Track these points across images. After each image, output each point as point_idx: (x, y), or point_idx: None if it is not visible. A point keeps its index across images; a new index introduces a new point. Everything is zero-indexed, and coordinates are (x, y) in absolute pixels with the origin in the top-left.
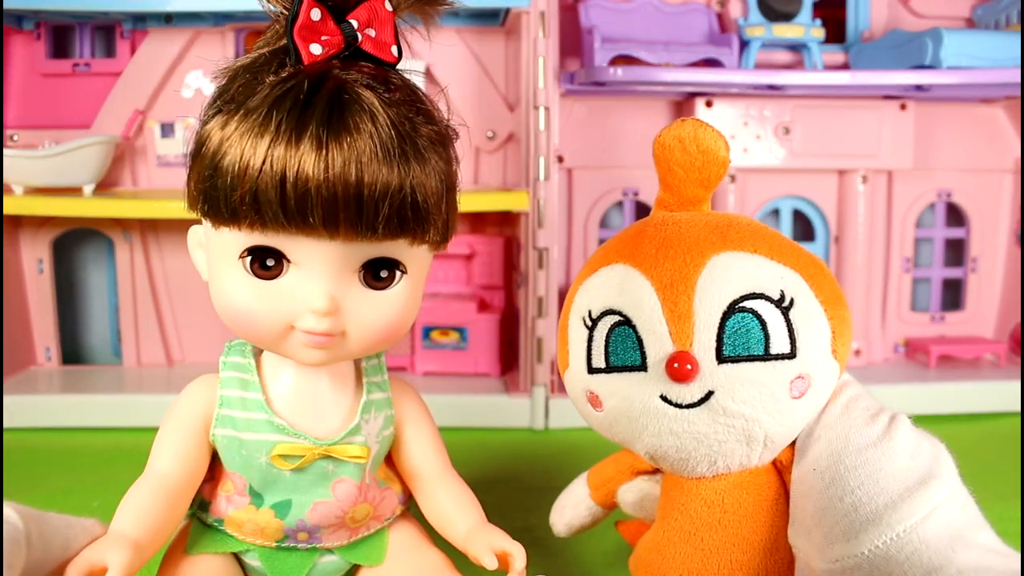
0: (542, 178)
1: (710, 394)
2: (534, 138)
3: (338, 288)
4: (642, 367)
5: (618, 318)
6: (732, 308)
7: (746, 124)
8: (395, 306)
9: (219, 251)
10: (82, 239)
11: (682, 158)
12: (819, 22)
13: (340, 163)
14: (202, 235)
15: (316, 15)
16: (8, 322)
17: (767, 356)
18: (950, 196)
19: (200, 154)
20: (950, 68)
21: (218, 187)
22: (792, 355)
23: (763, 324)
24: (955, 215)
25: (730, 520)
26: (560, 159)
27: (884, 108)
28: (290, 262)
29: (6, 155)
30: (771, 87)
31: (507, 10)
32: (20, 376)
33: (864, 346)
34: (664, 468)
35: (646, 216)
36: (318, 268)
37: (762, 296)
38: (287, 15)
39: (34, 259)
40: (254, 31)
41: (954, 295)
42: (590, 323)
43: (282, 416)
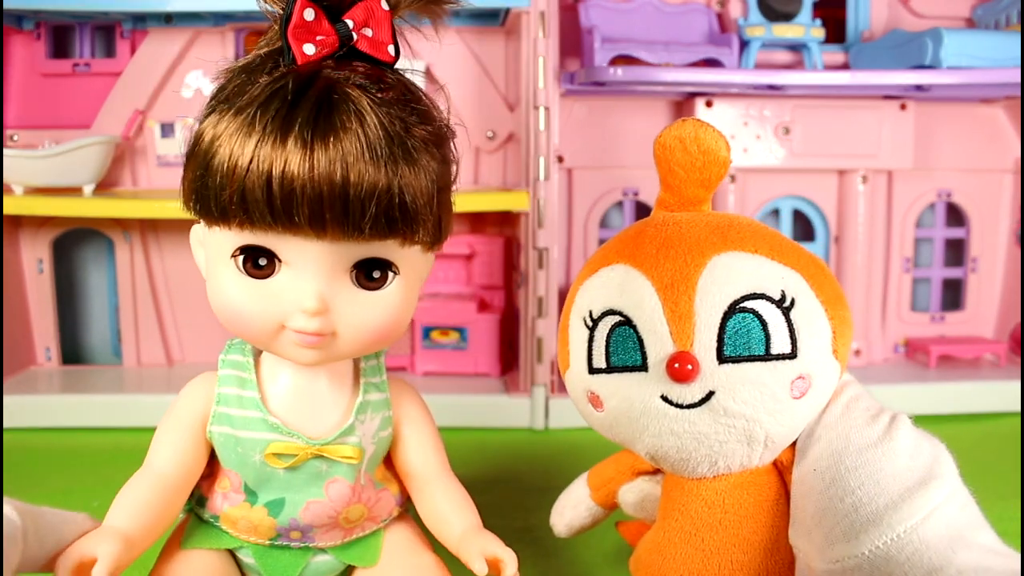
0: (542, 178)
1: (711, 394)
2: (534, 138)
3: (329, 288)
4: (643, 367)
5: (619, 318)
6: (733, 308)
7: (746, 124)
8: (388, 307)
9: (214, 250)
10: (82, 239)
11: (683, 158)
12: (819, 22)
13: (325, 163)
14: (201, 234)
15: (310, 15)
16: (8, 322)
17: (768, 356)
18: (950, 196)
19: (194, 153)
20: (950, 68)
21: (209, 186)
22: (793, 355)
23: (764, 324)
24: (955, 215)
25: (731, 520)
26: (560, 159)
27: (884, 108)
28: (282, 262)
29: (6, 155)
30: (771, 87)
31: (507, 10)
32: (20, 376)
33: (864, 346)
34: (665, 468)
35: (646, 216)
36: (309, 268)
37: (763, 296)
38: (282, 15)
39: (34, 259)
40: (254, 31)
41: (954, 295)
42: (591, 323)
43: (277, 415)
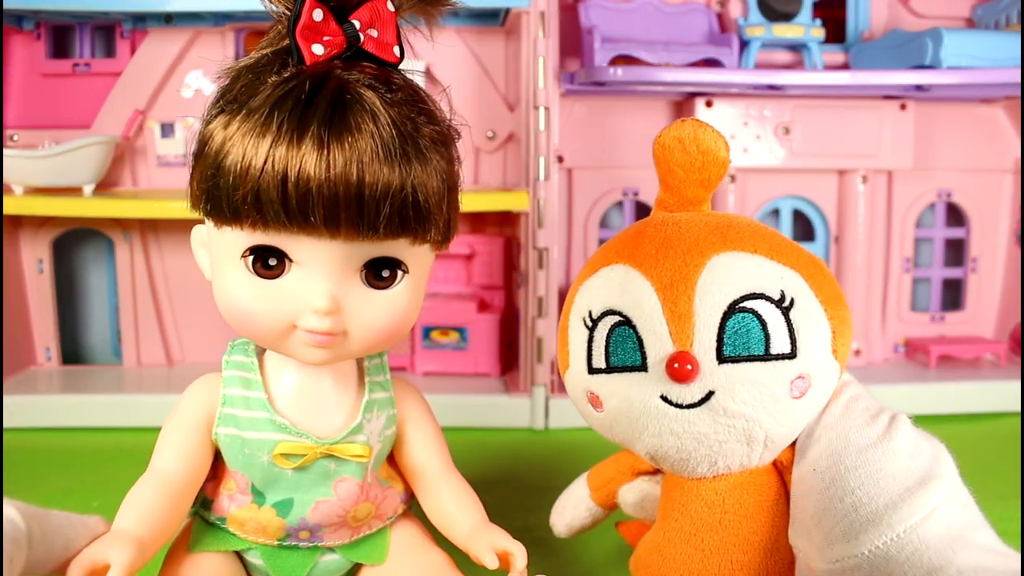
0: (542, 178)
1: (710, 394)
2: (534, 138)
3: (340, 287)
4: (642, 367)
5: (618, 318)
6: (732, 308)
7: (746, 124)
8: (397, 306)
9: (222, 250)
10: (82, 239)
11: (682, 158)
12: (819, 22)
13: (341, 163)
14: (205, 235)
15: (318, 15)
16: (8, 322)
17: (767, 356)
18: (950, 196)
19: (203, 154)
20: (950, 68)
21: (220, 187)
22: (792, 355)
23: (763, 324)
24: (955, 215)
25: (730, 520)
26: (560, 159)
27: (884, 108)
28: (292, 261)
29: (6, 155)
30: (771, 87)
31: (507, 10)
32: (20, 376)
33: (864, 346)
34: (664, 468)
35: (646, 216)
36: (320, 267)
37: (762, 296)
38: (289, 15)
39: (34, 259)
40: (254, 31)
41: (954, 295)
42: (590, 323)
43: (284, 415)
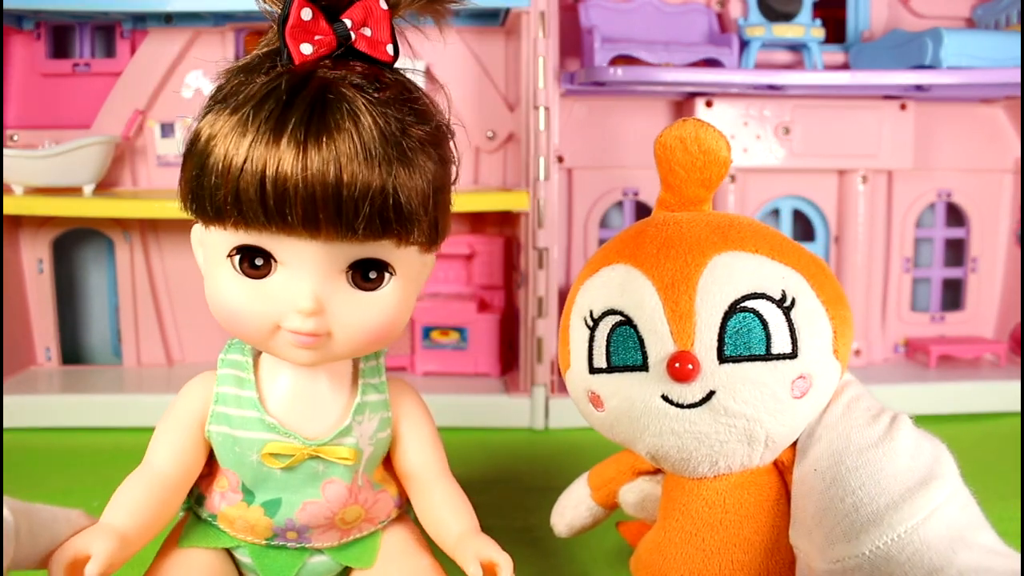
0: (542, 178)
1: (711, 394)
2: (534, 138)
3: (324, 288)
4: (643, 367)
5: (619, 318)
6: (733, 308)
7: (746, 124)
8: (383, 308)
9: (211, 250)
10: (82, 239)
11: (683, 158)
12: (819, 22)
13: (319, 163)
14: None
15: (307, 15)
16: (8, 322)
17: (768, 356)
18: (950, 196)
19: (191, 152)
20: (950, 68)
21: (204, 186)
22: (793, 355)
23: (764, 324)
24: (955, 215)
25: (731, 520)
26: (560, 159)
27: (884, 108)
28: (278, 262)
29: (6, 155)
30: (771, 87)
31: (507, 10)
32: (20, 376)
33: (864, 346)
34: (665, 468)
35: (646, 216)
36: (304, 268)
37: (763, 296)
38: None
39: (34, 259)
40: (254, 31)
41: (954, 295)
42: (591, 323)
43: (274, 415)
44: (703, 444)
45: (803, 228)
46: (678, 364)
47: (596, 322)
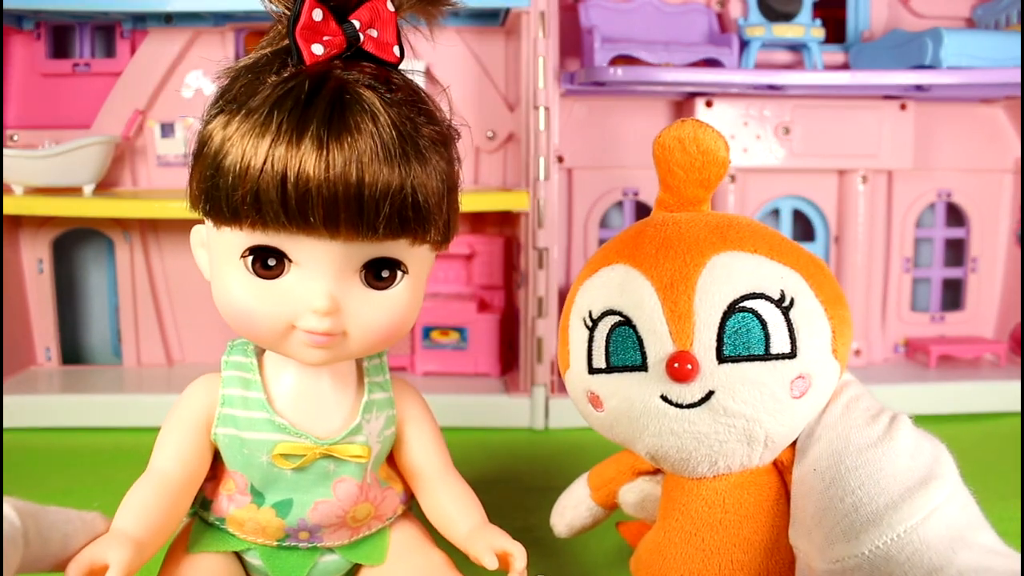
0: (542, 178)
1: (711, 394)
2: (534, 138)
3: (339, 288)
4: (643, 367)
5: (619, 318)
6: (732, 308)
7: (746, 124)
8: (396, 306)
9: (221, 251)
10: (82, 239)
11: (682, 159)
12: (819, 22)
13: (341, 163)
14: (204, 235)
15: (318, 15)
16: (8, 322)
17: (767, 356)
18: (950, 196)
19: (202, 154)
20: (950, 68)
21: (220, 187)
22: (792, 355)
23: (763, 324)
24: (955, 215)
25: (731, 520)
26: (560, 159)
27: (884, 108)
28: (291, 262)
29: (6, 155)
30: (771, 87)
31: (507, 10)
32: (20, 376)
33: (864, 346)
34: (665, 468)
35: (646, 216)
36: (319, 268)
37: (762, 296)
38: (289, 15)
39: (34, 259)
40: (254, 31)
41: (954, 295)
42: (591, 323)
43: (283, 415)
44: (702, 444)
45: (803, 228)
46: (677, 364)
47: (595, 322)
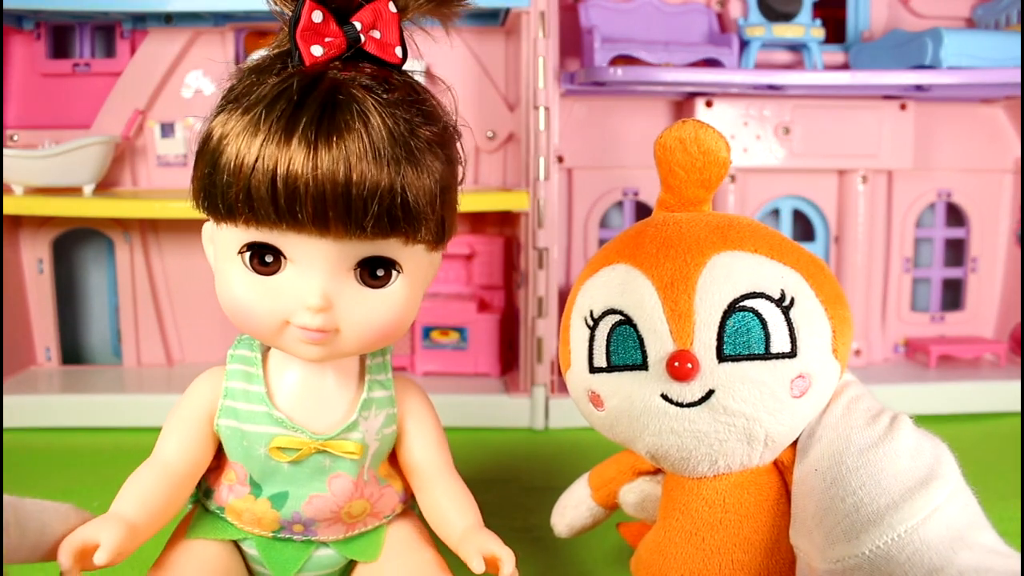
0: (542, 178)
1: (711, 393)
2: (534, 138)
3: (333, 285)
4: (643, 366)
5: (619, 317)
6: (732, 307)
7: (746, 124)
8: (391, 305)
9: (222, 246)
10: (82, 239)
11: (683, 159)
12: (819, 22)
13: (329, 162)
14: (211, 231)
15: (318, 17)
16: (8, 322)
17: (768, 355)
18: (950, 196)
19: (203, 151)
20: (950, 68)
21: (216, 184)
22: (793, 354)
23: (763, 323)
24: (955, 215)
25: (731, 520)
26: (560, 159)
27: (884, 108)
28: (287, 259)
29: (6, 155)
30: (771, 87)
31: (507, 10)
32: (20, 376)
33: (864, 346)
34: (665, 468)
35: (646, 216)
36: (313, 265)
37: (762, 295)
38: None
39: (34, 259)
40: (254, 31)
41: (954, 295)
42: (591, 323)
43: (282, 410)
44: (703, 443)
45: (803, 228)
46: (677, 363)
47: (596, 322)
